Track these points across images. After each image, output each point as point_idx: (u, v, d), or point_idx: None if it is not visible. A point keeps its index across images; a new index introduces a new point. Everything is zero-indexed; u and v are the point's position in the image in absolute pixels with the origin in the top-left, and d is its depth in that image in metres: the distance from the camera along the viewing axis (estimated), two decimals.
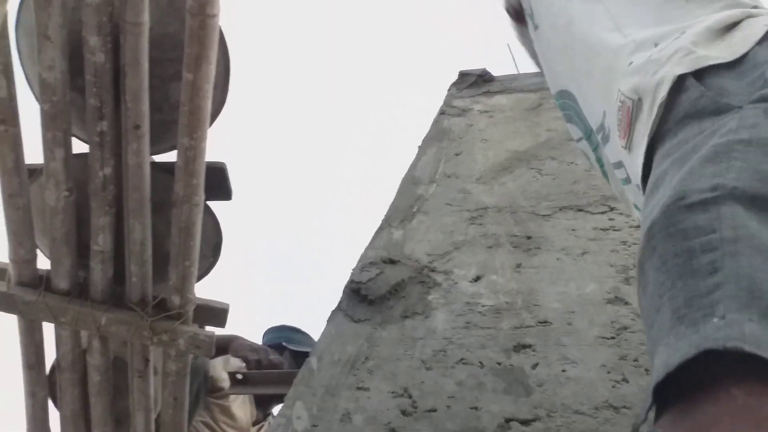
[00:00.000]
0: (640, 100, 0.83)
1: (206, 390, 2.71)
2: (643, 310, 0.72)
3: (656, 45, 0.85)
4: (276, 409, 3.05)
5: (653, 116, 0.80)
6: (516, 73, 3.43)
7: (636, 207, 0.98)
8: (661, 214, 0.71)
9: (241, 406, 2.94)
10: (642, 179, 0.82)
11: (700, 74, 0.78)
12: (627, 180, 0.95)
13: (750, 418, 0.56)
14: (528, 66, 3.22)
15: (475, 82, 3.26)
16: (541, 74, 3.25)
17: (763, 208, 0.66)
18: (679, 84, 0.79)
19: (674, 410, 0.61)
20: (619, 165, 0.95)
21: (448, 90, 3.33)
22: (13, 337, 1.97)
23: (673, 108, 0.79)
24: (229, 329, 2.23)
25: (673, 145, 0.77)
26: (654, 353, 0.66)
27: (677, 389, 0.61)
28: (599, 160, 1.07)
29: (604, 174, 1.08)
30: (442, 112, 3.08)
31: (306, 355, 3.10)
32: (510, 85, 3.23)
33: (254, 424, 2.99)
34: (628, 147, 0.87)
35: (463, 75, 3.35)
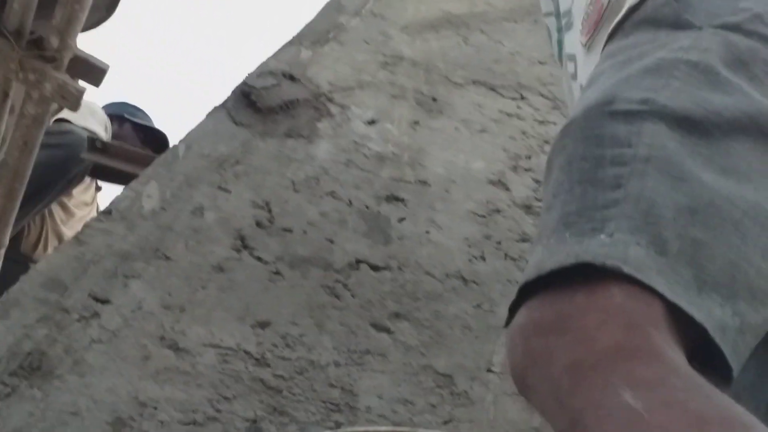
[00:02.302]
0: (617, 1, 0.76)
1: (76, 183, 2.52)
2: (543, 204, 0.68)
3: None
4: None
5: (618, 17, 0.74)
6: None
7: (573, 97, 0.92)
8: (582, 114, 0.66)
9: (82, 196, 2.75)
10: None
11: None
12: (574, 76, 0.88)
13: (621, 319, 0.53)
14: None
15: None
16: None
17: (688, 132, 0.61)
18: None
19: (541, 298, 0.58)
20: (572, 58, 0.88)
21: None
22: None
23: (636, 10, 0.73)
24: (99, 92, 2.09)
25: (621, 47, 0.72)
26: (531, 251, 0.63)
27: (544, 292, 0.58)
28: (559, 43, 1.00)
29: (560, 59, 1.01)
30: None
31: (146, 129, 2.96)
32: None
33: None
34: (588, 46, 0.80)
35: None
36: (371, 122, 1.97)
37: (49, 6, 1.76)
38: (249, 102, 1.88)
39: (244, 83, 1.93)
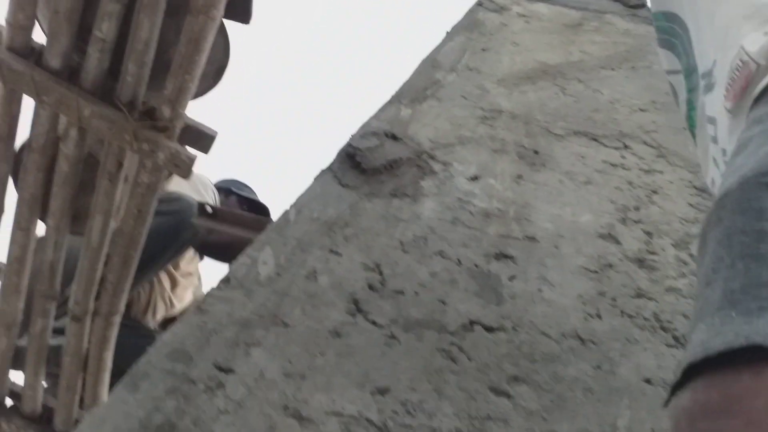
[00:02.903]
0: (766, 66, 0.73)
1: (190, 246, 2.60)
2: (698, 280, 0.67)
3: None
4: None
5: (765, 81, 0.72)
6: None
7: (714, 162, 0.90)
8: (737, 185, 0.64)
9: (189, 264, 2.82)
10: None
11: None
12: (715, 140, 0.86)
13: None
14: None
15: None
16: None
17: None
18: None
19: (707, 380, 0.56)
20: (712, 121, 0.86)
21: None
22: None
23: None
24: (209, 157, 2.15)
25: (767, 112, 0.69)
26: (693, 329, 0.61)
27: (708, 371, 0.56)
28: (690, 102, 0.97)
29: (690, 118, 0.99)
30: (479, 3, 2.93)
31: (252, 203, 3.09)
32: None
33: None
34: (734, 111, 0.78)
35: None
36: (474, 178, 1.97)
37: (160, 77, 1.83)
38: (354, 163, 1.90)
39: (349, 145, 1.95)
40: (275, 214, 3.11)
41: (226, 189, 3.04)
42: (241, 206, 2.96)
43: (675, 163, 2.11)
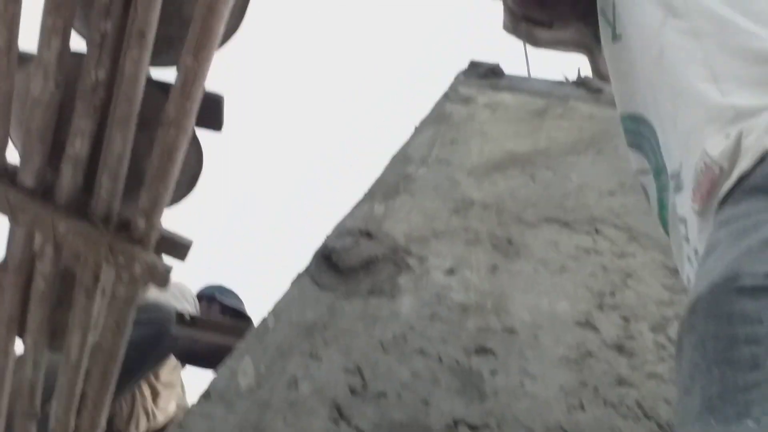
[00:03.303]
0: (728, 168, 0.76)
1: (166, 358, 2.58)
2: (677, 386, 0.69)
3: (754, 116, 0.78)
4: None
5: (729, 184, 0.75)
6: (527, 76, 3.36)
7: (689, 261, 0.92)
8: (708, 290, 0.67)
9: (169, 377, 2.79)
10: None
11: None
12: (686, 239, 0.89)
13: None
14: (540, 71, 3.16)
15: (484, 74, 3.19)
16: (551, 82, 3.18)
17: None
18: (763, 156, 0.73)
19: None
20: (683, 221, 0.89)
21: (456, 77, 3.25)
22: None
23: (747, 177, 0.74)
24: (185, 265, 2.15)
25: (734, 215, 0.73)
26: None
27: None
28: (661, 202, 1.00)
29: (662, 217, 1.02)
30: (445, 96, 3.00)
31: (235, 312, 3.09)
32: (519, 85, 3.15)
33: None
34: (700, 212, 0.81)
35: (473, 64, 3.27)
36: (450, 271, 1.99)
37: (134, 189, 1.85)
38: (330, 264, 1.92)
39: (324, 246, 1.97)
40: (256, 320, 3.11)
41: (209, 296, 3.06)
42: (223, 314, 2.97)
43: (647, 245, 2.14)
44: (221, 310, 3.01)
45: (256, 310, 3.25)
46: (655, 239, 2.12)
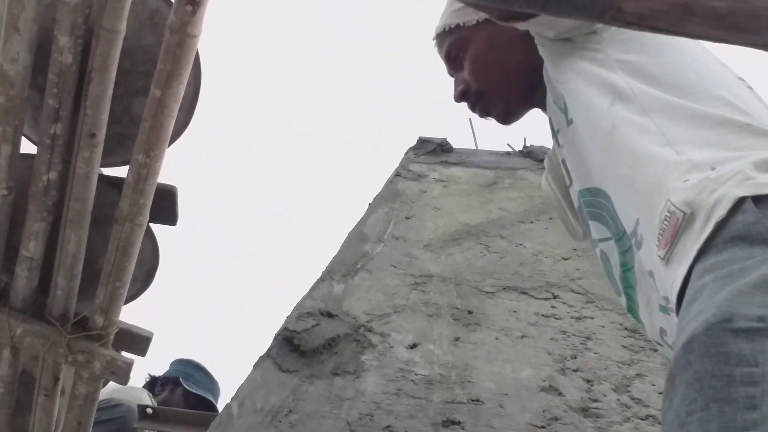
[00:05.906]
0: (692, 214, 0.82)
1: None
2: (665, 421, 0.72)
3: (713, 168, 0.85)
4: None
5: (706, 232, 0.80)
6: (475, 148, 3.44)
7: (661, 309, 0.97)
8: (703, 330, 0.71)
9: None
10: (679, 292, 0.82)
11: (757, 200, 0.79)
12: (656, 289, 0.94)
13: None
14: (487, 143, 3.24)
15: (434, 150, 3.26)
16: (499, 154, 3.26)
17: None
18: (737, 205, 0.79)
19: None
20: (651, 274, 0.94)
21: (406, 153, 3.32)
22: None
23: (724, 227, 0.79)
24: (147, 359, 2.13)
25: (717, 262, 0.77)
26: None
27: None
28: (624, 264, 1.06)
29: (626, 279, 1.07)
30: (397, 174, 3.06)
31: (199, 399, 3.04)
32: (468, 158, 3.23)
33: None
34: (666, 258, 0.86)
35: (422, 141, 3.35)
36: (413, 346, 2.00)
37: (91, 287, 1.85)
38: (293, 347, 1.92)
39: (285, 328, 1.97)
40: (220, 405, 3.07)
41: (174, 380, 3.00)
42: (185, 400, 2.92)
43: (604, 307, 2.18)
44: (183, 396, 2.95)
45: (222, 397, 3.21)
46: (611, 301, 2.17)
